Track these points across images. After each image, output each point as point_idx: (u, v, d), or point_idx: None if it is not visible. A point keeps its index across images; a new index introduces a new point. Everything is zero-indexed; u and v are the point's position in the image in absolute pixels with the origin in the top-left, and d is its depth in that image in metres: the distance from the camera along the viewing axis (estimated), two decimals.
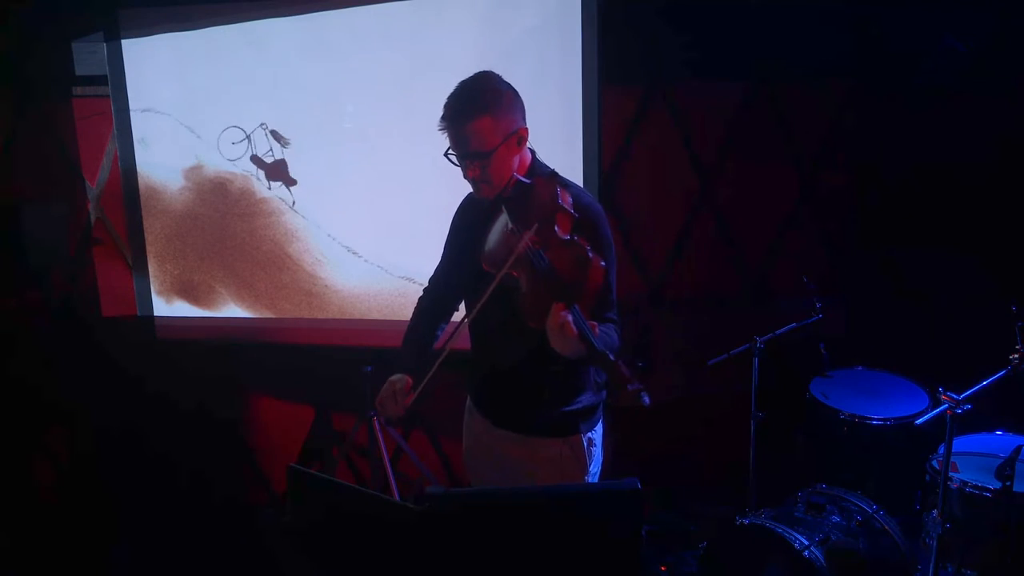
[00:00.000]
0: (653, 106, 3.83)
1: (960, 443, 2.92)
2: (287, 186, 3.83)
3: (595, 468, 2.46)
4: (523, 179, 2.24)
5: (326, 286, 3.89)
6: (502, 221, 2.20)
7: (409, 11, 3.57)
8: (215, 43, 3.81)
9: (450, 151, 2.25)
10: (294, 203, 3.87)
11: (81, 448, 4.28)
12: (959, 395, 2.65)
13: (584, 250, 2.05)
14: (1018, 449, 2.70)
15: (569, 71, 3.44)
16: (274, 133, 3.77)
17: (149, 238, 4.05)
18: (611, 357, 1.93)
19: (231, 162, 3.85)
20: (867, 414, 3.23)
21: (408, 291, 3.76)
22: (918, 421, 2.91)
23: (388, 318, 3.81)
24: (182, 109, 3.91)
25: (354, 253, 3.84)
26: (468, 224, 2.41)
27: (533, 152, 2.34)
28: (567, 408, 2.37)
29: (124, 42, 3.91)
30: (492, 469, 2.51)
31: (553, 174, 2.20)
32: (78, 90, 4.14)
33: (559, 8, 3.43)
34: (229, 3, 3.76)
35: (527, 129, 2.27)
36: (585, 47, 3.42)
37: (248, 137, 3.80)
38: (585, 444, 2.41)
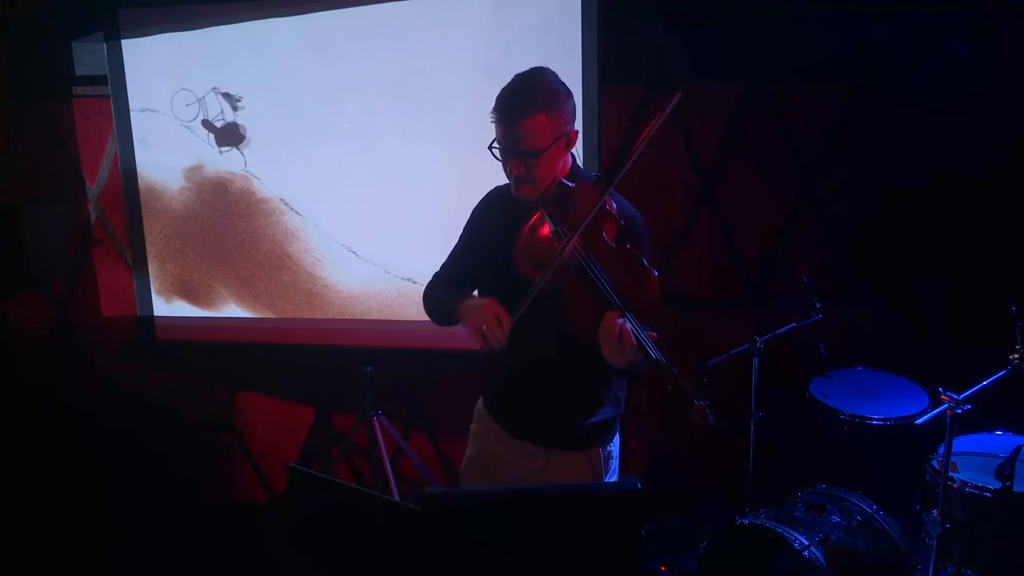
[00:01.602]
0: (653, 106, 3.82)
1: (960, 443, 2.92)
2: (239, 149, 3.78)
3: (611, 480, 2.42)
4: (567, 182, 2.17)
5: (326, 286, 3.89)
6: (539, 223, 2.12)
7: (409, 11, 3.58)
8: (215, 43, 3.81)
9: (494, 145, 2.16)
10: (287, 202, 3.87)
11: (81, 448, 4.28)
12: (959, 395, 2.65)
13: (639, 259, 2.00)
14: (1018, 449, 2.71)
15: (569, 71, 3.42)
16: (226, 96, 3.75)
17: (149, 238, 4.05)
18: (675, 370, 1.86)
19: (185, 126, 3.82)
20: (867, 414, 3.23)
21: (408, 291, 3.76)
22: (918, 421, 2.91)
23: (388, 318, 3.81)
24: (182, 109, 3.91)
25: (354, 253, 3.84)
26: (494, 222, 2.32)
27: (574, 157, 2.28)
28: (588, 421, 2.32)
29: (124, 42, 3.91)
30: (498, 480, 2.43)
31: (599, 178, 2.14)
32: (78, 90, 4.15)
33: (559, 8, 3.43)
34: (229, 3, 3.76)
35: (577, 132, 2.20)
36: (585, 47, 3.42)
37: (200, 100, 3.78)
38: (603, 458, 2.37)
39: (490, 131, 2.18)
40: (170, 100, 3.89)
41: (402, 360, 3.89)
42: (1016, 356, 2.74)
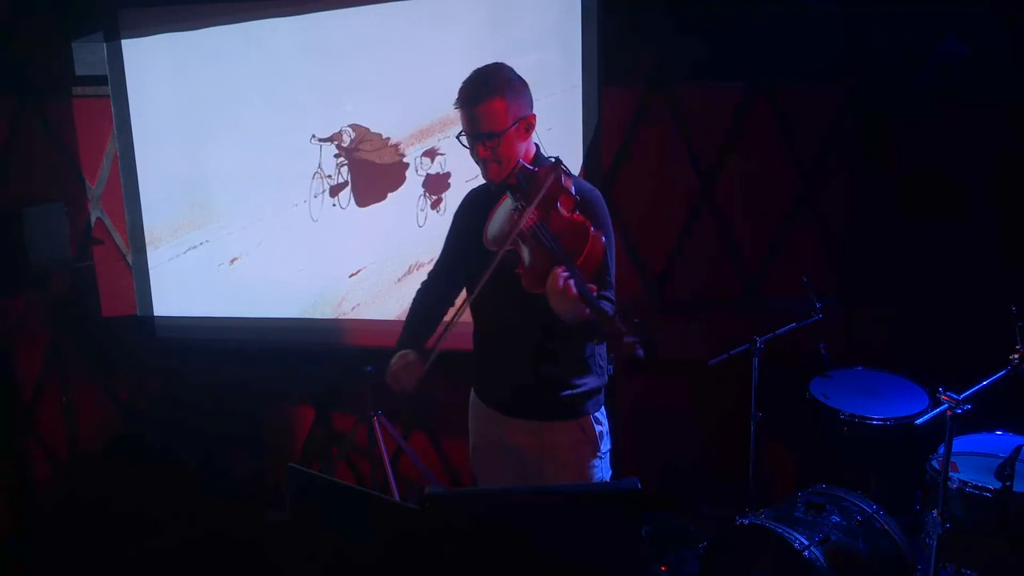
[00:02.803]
0: (653, 106, 3.82)
1: (960, 443, 2.91)
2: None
3: (606, 448, 2.51)
4: (528, 166, 2.33)
5: (325, 286, 3.89)
6: (506, 205, 2.30)
7: (409, 11, 3.58)
8: (215, 43, 3.81)
9: (461, 133, 2.36)
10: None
11: (81, 448, 4.28)
12: (959, 395, 2.65)
13: (585, 223, 2.17)
14: (1018, 449, 2.70)
15: (569, 71, 3.44)
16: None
17: (149, 238, 4.05)
18: (609, 312, 2.05)
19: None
20: (867, 414, 3.23)
21: (413, 291, 3.75)
22: (918, 421, 2.90)
23: (388, 318, 3.81)
24: (182, 109, 3.91)
25: (354, 253, 3.84)
26: (471, 215, 2.49)
27: (538, 146, 2.44)
28: (574, 391, 2.43)
29: (124, 42, 3.91)
30: (503, 463, 2.53)
31: (557, 161, 2.31)
32: (78, 90, 4.15)
33: (559, 8, 3.43)
34: (229, 3, 3.76)
35: (535, 117, 2.38)
36: (585, 47, 3.42)
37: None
38: (595, 425, 2.47)
39: None
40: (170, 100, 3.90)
41: None
42: (1016, 356, 2.74)
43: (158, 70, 3.91)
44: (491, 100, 2.30)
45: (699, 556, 3.13)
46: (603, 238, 2.18)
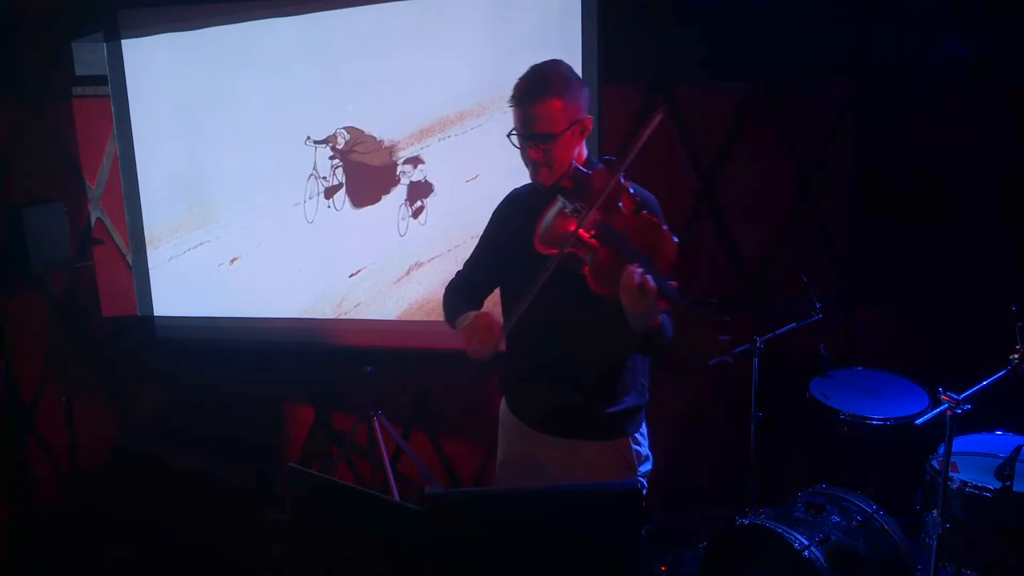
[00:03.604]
0: (653, 106, 3.82)
1: (960, 443, 2.91)
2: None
3: (646, 469, 2.43)
4: (582, 168, 2.25)
5: (325, 286, 3.89)
6: (557, 208, 2.21)
7: (409, 11, 3.58)
8: (215, 43, 3.81)
9: (512, 132, 2.25)
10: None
11: (81, 447, 4.28)
12: (959, 395, 2.65)
13: (657, 222, 2.09)
14: (1018, 449, 2.71)
15: None
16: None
17: (149, 238, 4.06)
18: (697, 309, 1.94)
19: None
20: (867, 414, 3.23)
21: (411, 291, 3.76)
22: (918, 421, 2.90)
23: (388, 318, 3.81)
24: (182, 109, 3.91)
25: (354, 253, 3.84)
26: (516, 217, 2.39)
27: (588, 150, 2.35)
28: (613, 409, 2.34)
29: (124, 42, 3.91)
30: (532, 480, 2.43)
31: (611, 160, 2.23)
32: (78, 90, 4.15)
33: (559, 8, 3.43)
34: (229, 3, 3.76)
35: (592, 120, 2.29)
36: (585, 47, 3.42)
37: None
38: (633, 446, 2.39)
39: (490, 129, 2.21)
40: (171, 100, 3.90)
41: (402, 360, 3.89)
42: (1016, 356, 2.74)
43: (158, 70, 3.91)
44: (548, 100, 2.19)
45: (699, 556, 3.13)
46: (675, 239, 2.08)
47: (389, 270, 3.78)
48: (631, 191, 2.18)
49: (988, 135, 3.55)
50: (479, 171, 3.55)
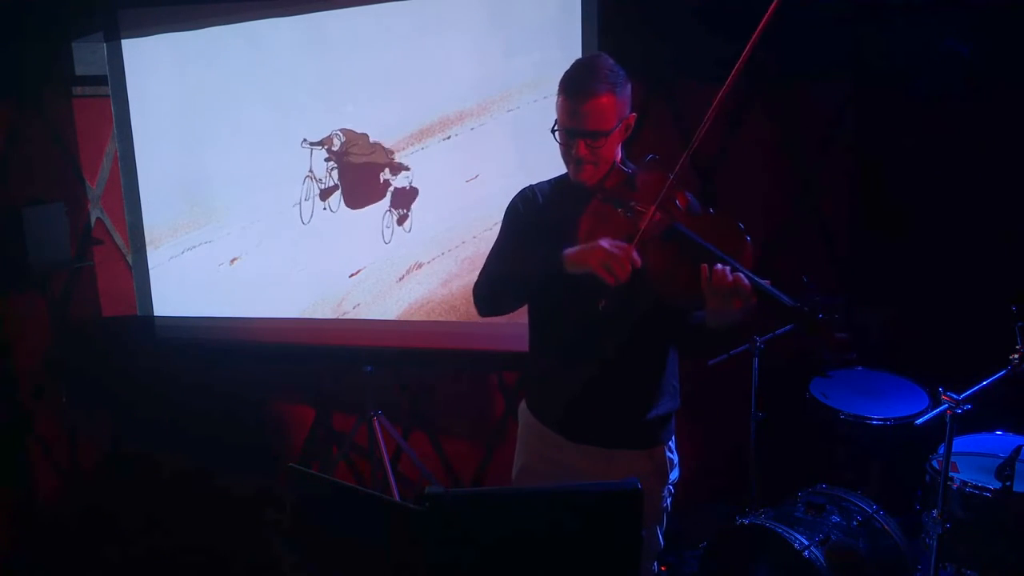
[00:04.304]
0: (653, 106, 3.83)
1: (960, 443, 2.92)
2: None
3: (674, 477, 2.37)
4: (624, 167, 2.18)
5: (325, 286, 3.89)
6: (601, 208, 2.11)
7: (409, 11, 3.58)
8: (215, 43, 3.81)
9: (555, 128, 2.17)
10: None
11: (81, 448, 4.28)
12: (959, 395, 2.65)
13: (732, 220, 2.00)
14: (1018, 449, 2.70)
15: None
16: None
17: (149, 238, 4.06)
18: (804, 307, 1.84)
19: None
20: (867, 414, 3.23)
21: (411, 291, 3.76)
22: (918, 421, 2.90)
23: (388, 318, 3.81)
24: (182, 109, 3.91)
25: (354, 253, 3.84)
26: (543, 214, 2.27)
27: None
28: (650, 415, 2.27)
29: (124, 42, 3.91)
30: None
31: (654, 158, 2.16)
32: (78, 90, 4.15)
33: (559, 8, 3.43)
34: (229, 3, 3.76)
35: (635, 117, 2.22)
36: (585, 47, 3.42)
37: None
38: (667, 454, 2.33)
39: (490, 129, 2.18)
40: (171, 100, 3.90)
41: (402, 360, 3.89)
42: (1016, 356, 2.74)
43: (158, 70, 3.91)
44: (602, 95, 2.10)
45: (699, 556, 3.13)
46: (748, 238, 2.00)
47: (389, 270, 3.78)
48: (684, 191, 2.12)
49: (988, 135, 3.55)
50: (479, 171, 3.55)
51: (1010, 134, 3.54)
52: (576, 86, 2.13)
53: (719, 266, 1.92)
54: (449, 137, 3.58)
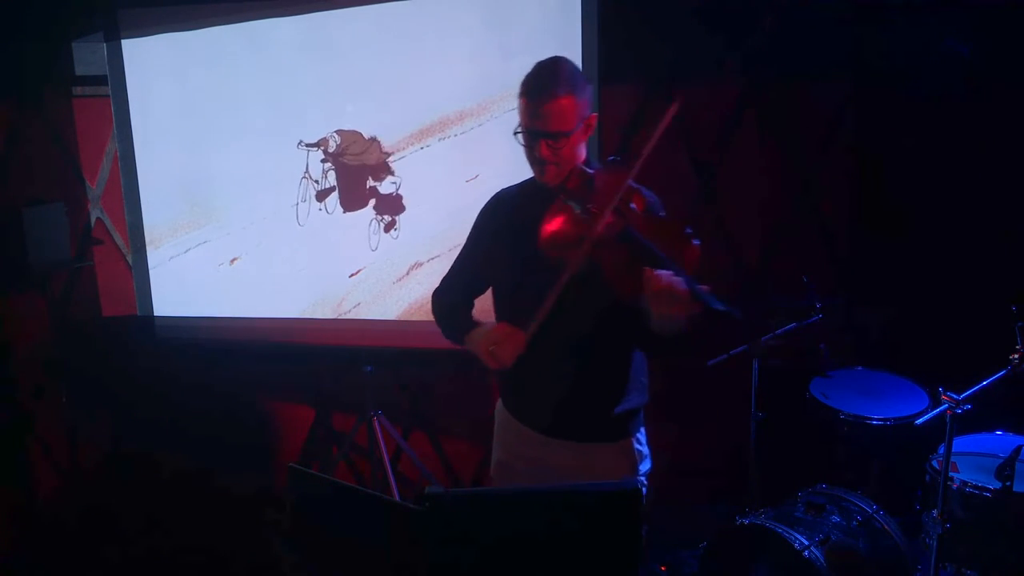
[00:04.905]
0: (653, 106, 3.83)
1: (960, 443, 2.92)
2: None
3: (645, 469, 2.42)
4: (586, 168, 2.22)
5: (325, 286, 3.89)
6: (562, 209, 2.15)
7: (409, 11, 3.58)
8: (215, 43, 3.81)
9: (519, 130, 2.22)
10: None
11: (81, 448, 4.28)
12: (959, 395, 2.65)
13: (678, 224, 2.04)
14: (1018, 449, 2.70)
15: None
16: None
17: (149, 238, 4.05)
18: (736, 314, 1.89)
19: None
20: (867, 414, 3.23)
21: (411, 291, 3.76)
22: (918, 421, 2.90)
23: (388, 318, 3.81)
24: (182, 109, 3.91)
25: (354, 253, 3.84)
26: (507, 219, 2.35)
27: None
28: (618, 410, 2.34)
29: (124, 42, 3.91)
30: (533, 482, 2.39)
31: (615, 160, 2.21)
32: (78, 90, 4.15)
33: (559, 8, 3.43)
34: (229, 3, 3.76)
35: (596, 118, 2.26)
36: (585, 47, 3.42)
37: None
38: (635, 446, 2.39)
39: (490, 129, 2.19)
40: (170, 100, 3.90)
41: (402, 360, 3.89)
42: (1016, 356, 2.74)
43: (158, 70, 3.91)
44: (562, 97, 2.15)
45: (699, 556, 3.13)
46: (697, 241, 2.03)
47: (389, 270, 3.78)
48: (643, 192, 2.15)
49: (988, 135, 3.55)
50: (479, 171, 3.55)
51: (1010, 134, 3.54)
52: (537, 88, 2.18)
53: (659, 271, 1.96)
54: (449, 137, 3.58)
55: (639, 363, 2.39)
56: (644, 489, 2.29)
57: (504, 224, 2.36)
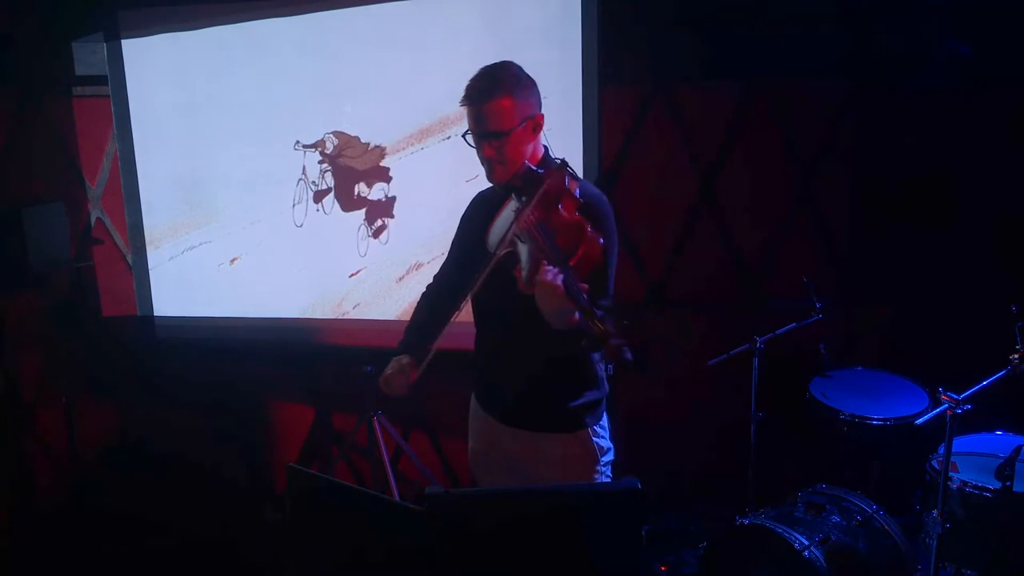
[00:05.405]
0: (653, 106, 3.83)
1: (960, 443, 2.91)
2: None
3: (607, 459, 2.46)
4: (534, 168, 2.29)
5: (325, 286, 3.89)
6: (510, 207, 2.26)
7: (409, 11, 3.58)
8: (215, 44, 3.81)
9: (467, 133, 2.33)
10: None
11: (81, 448, 4.28)
12: (959, 395, 2.65)
13: (583, 222, 2.11)
14: (1018, 449, 2.70)
15: (569, 71, 3.44)
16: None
17: (149, 238, 4.05)
18: (598, 313, 1.96)
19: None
20: (867, 414, 3.23)
21: (411, 291, 3.76)
22: (918, 421, 2.90)
23: (388, 318, 3.81)
24: (182, 109, 3.91)
25: (353, 253, 3.84)
26: (476, 217, 2.47)
27: (547, 148, 2.40)
28: (573, 403, 2.39)
29: (124, 42, 3.91)
30: (500, 470, 2.51)
31: (564, 163, 2.26)
32: (78, 90, 4.15)
33: (559, 8, 3.43)
34: (229, 3, 3.76)
35: (543, 117, 2.33)
36: (585, 47, 3.42)
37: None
38: (593, 438, 2.43)
39: None
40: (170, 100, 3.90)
41: None
42: (1016, 356, 2.74)
43: (158, 70, 3.91)
44: (498, 98, 2.26)
45: (699, 556, 3.13)
46: (601, 240, 2.11)
47: (389, 270, 3.78)
48: (575, 192, 2.20)
49: (988, 135, 3.55)
50: (479, 171, 3.54)
51: (1010, 134, 3.54)
52: (476, 92, 2.30)
53: (546, 265, 2.03)
54: (449, 137, 3.58)
55: (598, 357, 2.44)
56: (606, 479, 2.45)
57: (476, 225, 2.45)
